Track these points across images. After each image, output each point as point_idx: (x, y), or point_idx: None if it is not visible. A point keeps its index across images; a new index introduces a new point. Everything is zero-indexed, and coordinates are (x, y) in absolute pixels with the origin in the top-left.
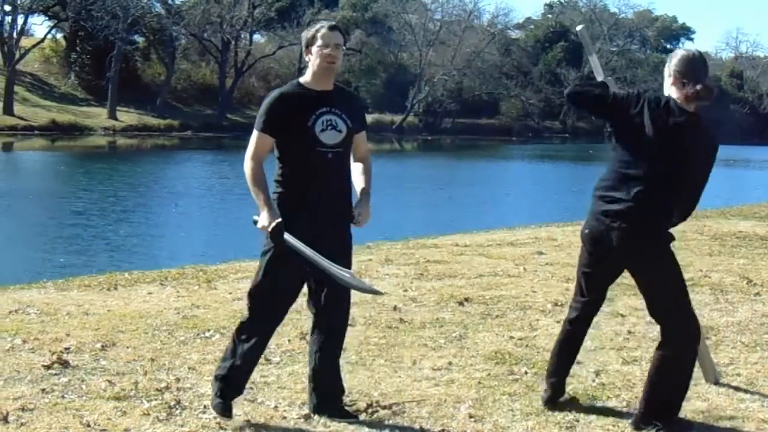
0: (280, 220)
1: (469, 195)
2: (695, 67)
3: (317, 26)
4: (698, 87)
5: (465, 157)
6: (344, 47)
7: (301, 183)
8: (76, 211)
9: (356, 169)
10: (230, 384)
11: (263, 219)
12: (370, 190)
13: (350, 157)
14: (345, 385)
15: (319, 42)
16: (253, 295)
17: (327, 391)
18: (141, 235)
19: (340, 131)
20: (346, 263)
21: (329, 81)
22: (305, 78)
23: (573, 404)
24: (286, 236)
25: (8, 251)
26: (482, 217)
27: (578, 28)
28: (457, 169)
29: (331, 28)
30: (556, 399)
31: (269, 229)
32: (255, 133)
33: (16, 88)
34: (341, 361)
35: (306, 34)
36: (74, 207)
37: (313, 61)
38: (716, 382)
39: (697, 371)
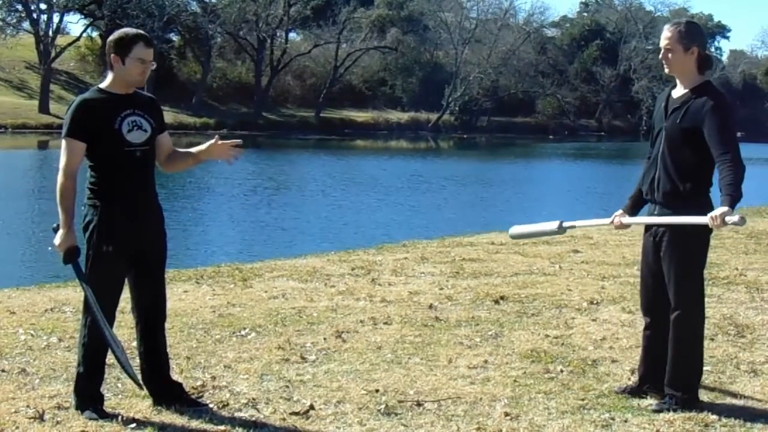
0: (74, 245)
1: (505, 193)
2: None
3: (131, 36)
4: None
5: (501, 155)
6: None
7: (114, 183)
8: None
9: (177, 156)
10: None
11: (59, 238)
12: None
13: (155, 155)
14: (378, 384)
15: (135, 55)
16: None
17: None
18: (176, 234)
19: (145, 131)
20: (163, 248)
21: (132, 87)
22: (106, 83)
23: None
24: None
25: (43, 250)
26: (517, 215)
27: None
28: (493, 168)
29: (148, 44)
30: None
31: (62, 252)
32: (64, 142)
33: (52, 87)
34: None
35: (116, 40)
36: None
37: (124, 70)
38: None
39: (734, 369)
